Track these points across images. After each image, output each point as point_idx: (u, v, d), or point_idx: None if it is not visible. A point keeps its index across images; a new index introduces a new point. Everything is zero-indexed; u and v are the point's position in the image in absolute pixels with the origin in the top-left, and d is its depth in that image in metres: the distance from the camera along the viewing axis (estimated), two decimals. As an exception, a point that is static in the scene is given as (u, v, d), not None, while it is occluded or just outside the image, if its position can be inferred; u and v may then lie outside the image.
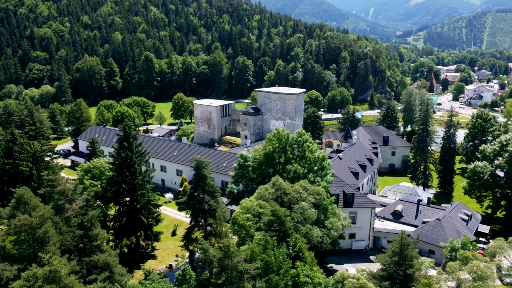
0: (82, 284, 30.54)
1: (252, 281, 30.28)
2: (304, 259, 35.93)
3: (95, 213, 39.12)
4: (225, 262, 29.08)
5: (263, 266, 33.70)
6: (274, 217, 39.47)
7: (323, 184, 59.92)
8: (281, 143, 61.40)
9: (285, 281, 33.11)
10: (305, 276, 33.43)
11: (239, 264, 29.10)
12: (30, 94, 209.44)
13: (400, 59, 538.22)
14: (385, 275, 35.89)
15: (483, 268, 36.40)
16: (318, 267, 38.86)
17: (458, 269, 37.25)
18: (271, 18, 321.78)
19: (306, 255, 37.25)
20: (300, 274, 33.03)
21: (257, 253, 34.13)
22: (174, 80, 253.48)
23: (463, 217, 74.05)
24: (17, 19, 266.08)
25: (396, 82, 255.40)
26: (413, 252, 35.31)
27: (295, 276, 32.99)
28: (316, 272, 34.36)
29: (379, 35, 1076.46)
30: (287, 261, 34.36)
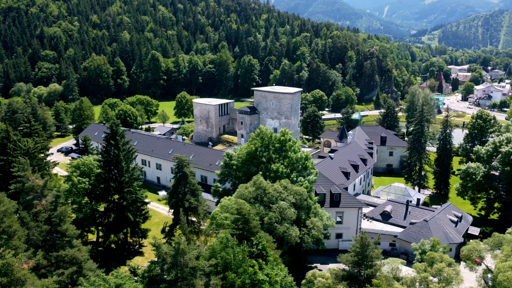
0: (37, 277, 31.29)
1: (205, 278, 30.67)
2: (266, 258, 36.14)
3: (64, 209, 39.94)
4: (176, 259, 29.53)
5: (221, 264, 34.08)
6: (239, 216, 39.74)
7: (305, 184, 59.93)
8: (264, 142, 61.59)
9: (242, 279, 33.40)
10: (264, 275, 33.65)
11: (190, 261, 29.52)
12: (38, 92, 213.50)
13: (412, 59, 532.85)
14: (345, 275, 35.92)
15: (448, 270, 36.12)
16: (283, 265, 39.00)
17: (423, 270, 37.02)
18: (279, 17, 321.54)
19: (269, 253, 37.45)
20: (258, 273, 33.26)
21: (217, 251, 34.50)
22: (181, 79, 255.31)
23: (452, 218, 73.21)
24: (28, 18, 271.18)
25: (403, 82, 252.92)
26: (374, 253, 35.21)
27: (253, 274, 33.23)
28: (275, 271, 34.52)
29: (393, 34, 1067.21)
30: (247, 259, 34.62)
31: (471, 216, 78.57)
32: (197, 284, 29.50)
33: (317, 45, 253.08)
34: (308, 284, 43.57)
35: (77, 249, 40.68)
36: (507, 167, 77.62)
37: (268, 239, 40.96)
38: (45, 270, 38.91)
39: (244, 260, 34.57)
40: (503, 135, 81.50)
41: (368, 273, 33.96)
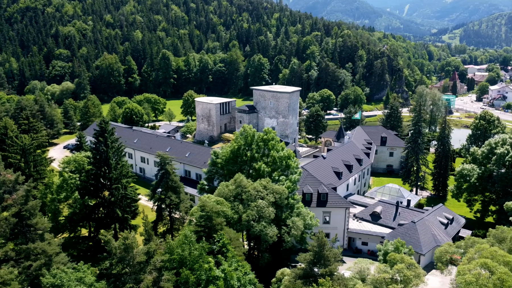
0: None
1: (156, 273, 31.24)
2: (226, 255, 36.53)
3: (35, 203, 41.12)
4: (124, 253, 30.20)
5: (177, 260, 34.63)
6: (202, 213, 40.23)
7: (286, 184, 59.97)
8: (247, 140, 61.93)
9: (197, 275, 33.91)
10: (220, 271, 34.07)
11: (138, 256, 30.15)
12: (51, 90, 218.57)
13: (430, 58, 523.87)
14: (301, 273, 35.99)
15: (407, 272, 35.78)
16: (246, 262, 39.33)
17: (384, 271, 36.76)
18: (291, 16, 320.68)
19: (230, 250, 37.81)
20: (213, 269, 33.70)
21: (173, 247, 35.06)
22: (191, 77, 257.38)
23: (443, 220, 72.11)
24: (44, 18, 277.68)
25: (415, 82, 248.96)
26: (330, 253, 35.16)
27: (209, 270, 33.69)
28: (232, 267, 34.88)
29: (413, 33, 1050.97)
30: (204, 256, 35.08)
31: (464, 219, 77.17)
32: (145, 279, 30.11)
33: (327, 44, 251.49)
34: (278, 282, 43.84)
35: (47, 243, 41.74)
36: (502, 169, 76.00)
37: (235, 236, 41.34)
38: (13, 262, 40.11)
39: (201, 257, 35.02)
40: (500, 136, 79.76)
41: (323, 272, 33.96)
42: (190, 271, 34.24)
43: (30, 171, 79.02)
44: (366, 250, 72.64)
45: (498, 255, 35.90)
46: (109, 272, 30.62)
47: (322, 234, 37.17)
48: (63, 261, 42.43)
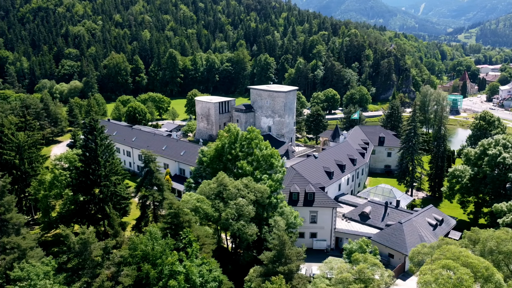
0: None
1: (113, 267, 31.83)
2: (189, 251, 36.99)
3: (10, 198, 42.14)
4: (82, 248, 30.88)
5: (140, 256, 35.25)
6: (171, 210, 40.75)
7: (269, 183, 60.14)
8: (231, 139, 62.33)
9: (158, 270, 34.47)
10: (181, 267, 34.58)
11: (94, 251, 30.81)
12: (60, 89, 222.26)
13: (443, 58, 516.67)
14: (263, 271, 36.20)
15: (368, 271, 35.71)
16: (214, 260, 39.75)
17: (346, 270, 36.74)
18: (299, 15, 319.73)
19: (195, 247, 38.26)
20: (175, 264, 34.21)
21: (137, 243, 35.68)
22: (198, 77, 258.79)
23: (431, 221, 71.44)
24: (55, 17, 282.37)
25: (423, 81, 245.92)
26: (291, 252, 35.28)
27: (170, 265, 34.25)
28: (194, 263, 35.34)
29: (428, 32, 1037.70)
30: (167, 252, 35.61)
31: (455, 220, 76.31)
32: (102, 273, 30.74)
33: (334, 44, 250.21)
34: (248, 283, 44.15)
35: (22, 237, 42.69)
36: (495, 170, 74.91)
37: (204, 234, 41.74)
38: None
39: (164, 252, 35.57)
40: (494, 137, 78.57)
41: (281, 270, 34.12)
42: (152, 266, 34.82)
43: (25, 168, 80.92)
44: (353, 250, 72.24)
45: (461, 256, 35.59)
46: (67, 266, 31.42)
47: (283, 233, 37.29)
48: (38, 256, 43.33)
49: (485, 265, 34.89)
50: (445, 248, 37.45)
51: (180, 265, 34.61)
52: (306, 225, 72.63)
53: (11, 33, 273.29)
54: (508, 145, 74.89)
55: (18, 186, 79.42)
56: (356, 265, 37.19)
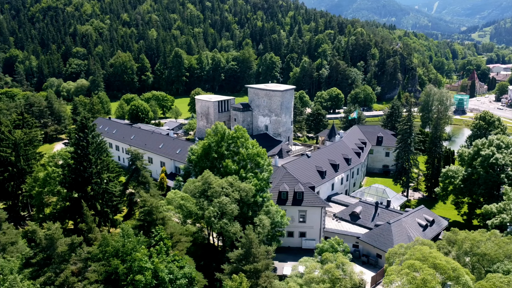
0: None
1: (80, 263, 32.40)
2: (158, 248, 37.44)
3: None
4: (48, 243, 31.52)
5: (110, 252, 35.82)
6: (145, 207, 41.25)
7: (254, 181, 60.28)
8: (217, 138, 62.69)
9: (128, 265, 35.02)
10: (151, 263, 35.04)
11: (59, 246, 31.41)
12: (67, 87, 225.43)
13: (454, 57, 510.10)
14: (231, 270, 36.44)
15: (335, 271, 35.72)
16: (187, 256, 40.16)
17: (315, 269, 36.79)
18: (306, 14, 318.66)
19: (167, 244, 38.72)
20: (143, 260, 34.71)
21: (109, 239, 36.25)
22: (203, 75, 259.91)
23: (421, 222, 70.87)
24: (64, 17, 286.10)
25: (429, 81, 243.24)
26: (258, 251, 35.44)
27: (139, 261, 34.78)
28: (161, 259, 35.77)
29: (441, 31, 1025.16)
30: (138, 248, 36.12)
31: (446, 221, 75.53)
32: (67, 269, 31.35)
33: (339, 43, 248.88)
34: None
35: (2, 233, 43.52)
36: (489, 171, 73.97)
37: (179, 231, 42.16)
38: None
39: (135, 249, 36.09)
40: (488, 137, 77.62)
41: (247, 269, 34.34)
42: (122, 262, 35.36)
43: (21, 165, 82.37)
44: (342, 250, 72.03)
45: (430, 257, 35.37)
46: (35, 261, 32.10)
47: (251, 231, 37.47)
48: (20, 250, 44.13)
49: (453, 266, 34.63)
50: (415, 249, 37.24)
51: (149, 261, 35.06)
52: (295, 224, 72.73)
53: (21, 32, 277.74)
54: (501, 146, 73.93)
55: (14, 183, 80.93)
56: (325, 265, 37.23)
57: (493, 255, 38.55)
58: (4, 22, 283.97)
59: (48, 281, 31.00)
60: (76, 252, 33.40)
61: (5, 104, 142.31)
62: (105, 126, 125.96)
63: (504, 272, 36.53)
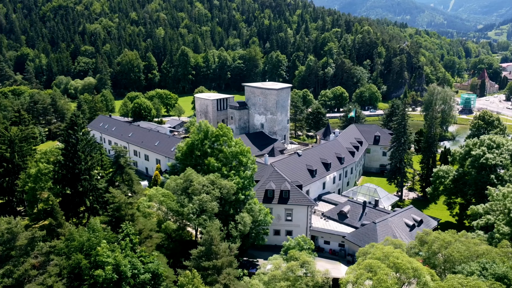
0: None
1: (41, 257, 33.13)
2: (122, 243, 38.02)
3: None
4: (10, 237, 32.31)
5: (75, 246, 36.55)
6: (114, 204, 41.87)
7: (236, 180, 60.54)
8: (200, 136, 63.15)
9: (92, 260, 35.73)
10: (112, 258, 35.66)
11: (19, 240, 32.18)
12: (74, 85, 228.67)
13: (467, 55, 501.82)
14: (191, 266, 36.76)
15: (296, 269, 35.76)
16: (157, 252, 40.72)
17: (279, 267, 36.87)
18: (314, 12, 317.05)
19: (133, 239, 39.30)
20: (104, 255, 35.35)
21: (74, 234, 36.99)
22: (209, 74, 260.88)
23: (409, 222, 70.27)
24: (73, 15, 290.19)
25: (437, 80, 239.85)
26: (219, 248, 35.68)
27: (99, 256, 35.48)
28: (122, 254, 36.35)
29: (456, 29, 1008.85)
30: (102, 242, 36.80)
31: (436, 221, 74.72)
32: (27, 262, 32.11)
33: (346, 41, 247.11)
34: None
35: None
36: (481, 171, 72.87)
37: (149, 227, 42.69)
38: None
39: (99, 244, 36.78)
40: (480, 137, 76.47)
41: (206, 266, 34.63)
42: (86, 256, 36.07)
43: (17, 161, 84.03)
44: (328, 249, 71.99)
45: (391, 257, 35.16)
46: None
47: (213, 229, 37.74)
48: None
49: (414, 266, 34.34)
50: (377, 248, 37.03)
51: (111, 257, 35.66)
52: (281, 223, 72.86)
53: (32, 30, 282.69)
54: (492, 146, 72.75)
55: (9, 179, 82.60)
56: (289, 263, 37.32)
57: (459, 256, 38.08)
58: (17, 21, 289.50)
59: (7, 274, 31.86)
60: (38, 246, 34.17)
61: (10, 101, 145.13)
62: (105, 123, 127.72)
63: (468, 273, 36.08)
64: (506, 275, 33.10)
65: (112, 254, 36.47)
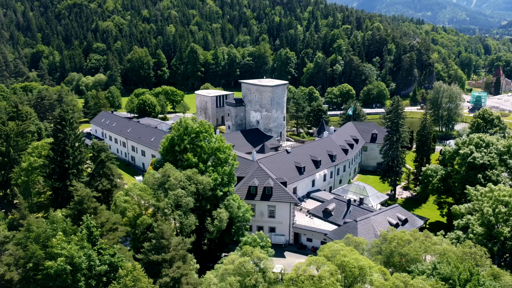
0: None
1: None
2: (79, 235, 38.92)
3: None
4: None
5: (33, 237, 37.66)
6: (77, 197, 42.82)
7: (213, 176, 60.95)
8: (180, 132, 63.78)
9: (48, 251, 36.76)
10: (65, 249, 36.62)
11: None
12: (85, 82, 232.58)
13: (486, 52, 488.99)
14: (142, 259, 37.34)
15: (248, 265, 35.94)
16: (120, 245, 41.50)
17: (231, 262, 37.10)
18: (325, 9, 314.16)
19: (93, 232, 40.18)
20: (57, 247, 36.32)
21: (33, 226, 38.11)
22: (219, 71, 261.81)
23: (392, 221, 69.44)
24: (86, 13, 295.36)
25: (449, 77, 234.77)
26: (169, 242, 36.11)
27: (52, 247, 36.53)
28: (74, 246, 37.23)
29: (479, 25, 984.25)
30: (58, 234, 37.77)
31: (422, 221, 73.69)
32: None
33: (355, 38, 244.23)
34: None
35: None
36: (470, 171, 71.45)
37: (113, 220, 43.49)
38: None
39: (55, 235, 37.77)
40: (470, 135, 74.89)
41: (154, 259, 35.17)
42: (42, 247, 37.13)
43: (13, 155, 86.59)
44: (311, 246, 71.87)
45: (338, 255, 35.01)
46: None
47: (162, 223, 38.21)
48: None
49: (360, 264, 34.09)
50: (325, 246, 36.88)
51: (65, 248, 36.61)
52: (264, 219, 73.12)
53: (48, 28, 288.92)
54: (481, 145, 71.18)
55: (4, 172, 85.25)
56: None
57: (413, 255, 37.57)
58: (33, 19, 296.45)
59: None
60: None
61: (18, 97, 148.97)
62: (107, 119, 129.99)
63: (419, 272, 35.62)
64: (451, 276, 32.54)
65: (67, 245, 37.39)
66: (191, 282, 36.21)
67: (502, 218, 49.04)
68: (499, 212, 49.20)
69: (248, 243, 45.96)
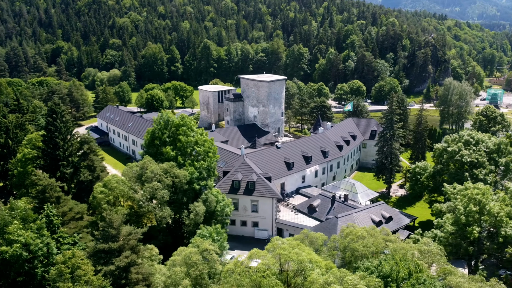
0: None
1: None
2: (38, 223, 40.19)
3: None
4: None
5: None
6: (38, 186, 44.09)
7: (190, 170, 61.50)
8: (160, 125, 64.63)
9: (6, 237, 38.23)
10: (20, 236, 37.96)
11: None
12: (100, 77, 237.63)
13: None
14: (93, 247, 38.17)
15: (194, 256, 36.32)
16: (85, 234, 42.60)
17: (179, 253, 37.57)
18: (340, 4, 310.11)
19: (53, 220, 41.41)
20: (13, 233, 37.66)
21: (0, 217, 39.75)
22: (232, 67, 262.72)
23: (375, 218, 68.47)
24: (104, 10, 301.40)
25: (466, 74, 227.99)
26: (118, 231, 36.77)
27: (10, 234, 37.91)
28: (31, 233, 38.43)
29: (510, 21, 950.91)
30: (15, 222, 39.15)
31: (408, 219, 72.37)
32: None
33: (369, 34, 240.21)
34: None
35: None
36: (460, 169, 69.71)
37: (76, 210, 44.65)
38: None
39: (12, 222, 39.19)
40: (460, 132, 72.94)
41: (101, 248, 35.93)
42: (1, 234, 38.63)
43: (13, 147, 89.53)
44: (293, 242, 71.52)
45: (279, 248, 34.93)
46: None
47: (112, 213, 38.91)
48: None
49: (300, 258, 33.89)
50: (272, 240, 36.81)
51: (23, 235, 37.92)
52: (248, 214, 73.30)
53: (68, 25, 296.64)
54: (471, 142, 69.19)
55: (3, 163, 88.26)
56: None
57: (361, 251, 37.01)
58: (55, 16, 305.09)
59: None
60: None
61: (30, 91, 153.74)
62: (112, 113, 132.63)
63: (365, 268, 35.10)
64: (390, 274, 31.91)
65: (24, 233, 38.66)
66: (142, 272, 36.81)
67: (472, 218, 47.64)
68: (470, 211, 47.80)
69: (202, 235, 46.28)
